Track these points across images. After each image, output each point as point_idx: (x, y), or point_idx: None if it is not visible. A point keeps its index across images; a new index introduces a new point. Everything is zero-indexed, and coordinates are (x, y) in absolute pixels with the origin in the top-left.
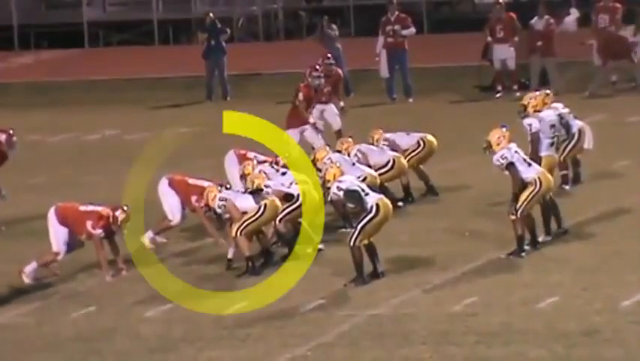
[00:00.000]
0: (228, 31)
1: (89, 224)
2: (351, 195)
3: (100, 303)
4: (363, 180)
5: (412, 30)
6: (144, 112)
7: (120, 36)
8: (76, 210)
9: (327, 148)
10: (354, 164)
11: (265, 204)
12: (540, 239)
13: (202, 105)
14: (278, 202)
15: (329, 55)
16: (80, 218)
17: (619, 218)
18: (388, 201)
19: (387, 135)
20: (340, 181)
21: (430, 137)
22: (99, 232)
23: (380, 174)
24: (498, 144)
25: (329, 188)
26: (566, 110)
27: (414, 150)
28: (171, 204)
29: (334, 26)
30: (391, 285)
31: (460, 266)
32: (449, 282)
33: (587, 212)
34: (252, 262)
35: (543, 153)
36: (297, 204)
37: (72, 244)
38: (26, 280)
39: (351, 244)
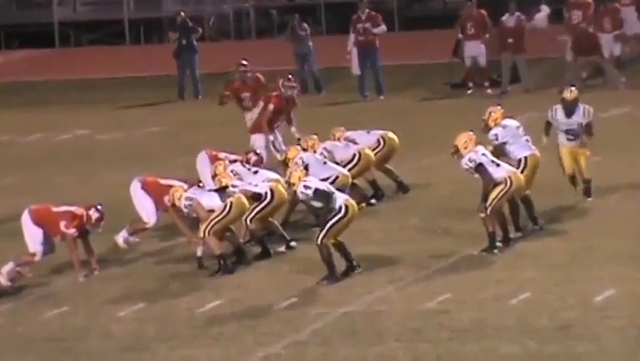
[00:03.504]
0: (199, 30)
1: (62, 224)
2: (321, 193)
3: (72, 303)
4: (335, 179)
5: (383, 28)
6: (115, 111)
7: (91, 36)
8: (50, 211)
9: (298, 147)
10: (325, 162)
11: (231, 202)
12: (511, 236)
13: (174, 104)
14: (244, 199)
15: (289, 76)
16: (53, 219)
17: (590, 214)
18: (354, 202)
19: (348, 134)
20: (306, 180)
21: (390, 134)
22: (72, 231)
23: (348, 170)
24: (465, 148)
25: (294, 191)
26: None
27: (374, 149)
28: (145, 207)
29: (306, 25)
30: (364, 282)
31: (433, 263)
32: (422, 279)
33: (558, 209)
34: (224, 261)
35: (526, 153)
36: (267, 202)
37: (47, 245)
38: (3, 281)
39: (319, 242)
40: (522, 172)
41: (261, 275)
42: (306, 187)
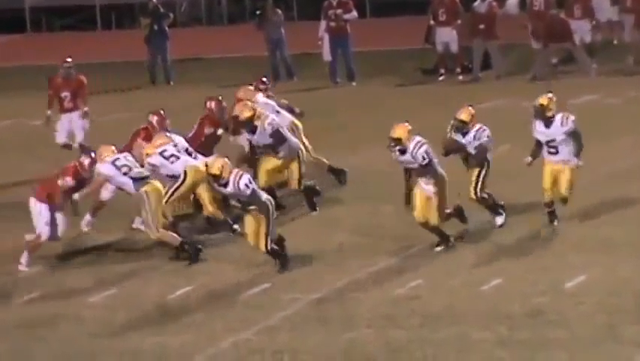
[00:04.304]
0: (171, 15)
1: (59, 182)
2: (255, 194)
3: (43, 289)
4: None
5: (354, 14)
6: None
7: (63, 21)
8: (50, 179)
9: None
10: (278, 112)
11: (146, 192)
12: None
13: (145, 90)
14: (157, 184)
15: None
16: (52, 184)
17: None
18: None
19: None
20: (243, 176)
21: (297, 121)
22: (68, 180)
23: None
24: (408, 139)
25: (221, 184)
26: None
27: None
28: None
29: (279, 11)
30: (336, 269)
31: (404, 250)
32: (393, 265)
33: (529, 196)
34: (188, 245)
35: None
36: (180, 182)
37: (54, 227)
38: (24, 269)
39: (267, 249)
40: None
41: (232, 261)
42: (247, 186)
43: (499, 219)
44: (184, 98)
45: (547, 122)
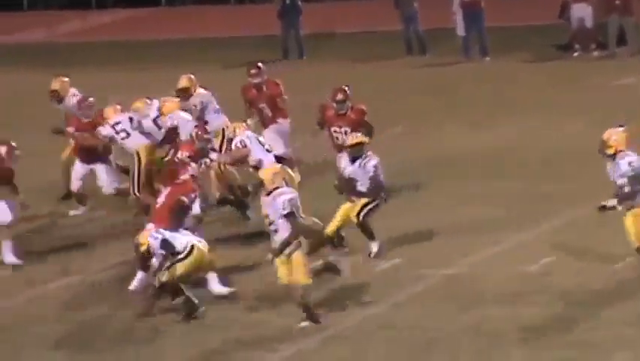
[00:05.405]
0: None
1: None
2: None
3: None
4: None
5: None
6: (219, 71)
7: None
8: None
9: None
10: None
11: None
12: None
13: (278, 64)
14: None
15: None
16: None
17: None
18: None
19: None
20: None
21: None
22: None
23: None
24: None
25: None
26: None
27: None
28: None
29: None
30: (465, 244)
31: (535, 226)
32: (525, 241)
33: None
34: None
35: None
36: None
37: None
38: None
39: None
40: None
41: (363, 236)
42: (154, 237)
43: (375, 246)
44: (316, 73)
45: None
